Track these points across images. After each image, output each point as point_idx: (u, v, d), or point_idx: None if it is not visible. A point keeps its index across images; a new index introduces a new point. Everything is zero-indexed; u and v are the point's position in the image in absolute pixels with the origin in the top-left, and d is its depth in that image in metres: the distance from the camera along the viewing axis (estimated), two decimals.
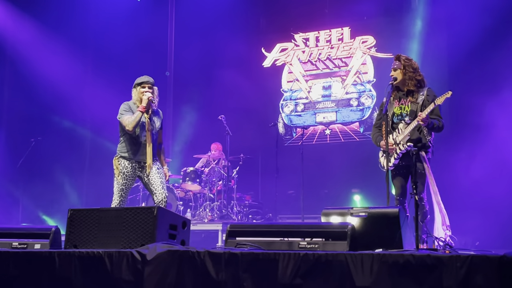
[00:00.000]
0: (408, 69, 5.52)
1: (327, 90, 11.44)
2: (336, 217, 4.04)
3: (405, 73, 5.53)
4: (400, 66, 5.55)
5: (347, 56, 11.32)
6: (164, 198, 5.65)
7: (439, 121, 5.40)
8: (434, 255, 3.00)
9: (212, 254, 3.48)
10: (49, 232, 4.50)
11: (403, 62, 5.54)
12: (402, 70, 5.54)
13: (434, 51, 9.90)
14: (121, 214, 4.16)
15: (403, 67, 5.53)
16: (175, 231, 4.28)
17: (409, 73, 5.52)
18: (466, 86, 9.46)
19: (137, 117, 5.63)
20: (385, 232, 3.77)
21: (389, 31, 10.82)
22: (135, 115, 5.63)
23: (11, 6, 11.14)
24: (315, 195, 10.24)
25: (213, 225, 8.91)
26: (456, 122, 9.46)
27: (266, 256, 3.36)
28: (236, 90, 11.62)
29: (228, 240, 4.00)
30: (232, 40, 11.66)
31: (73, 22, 11.41)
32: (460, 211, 8.64)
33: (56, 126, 11.22)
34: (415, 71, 5.55)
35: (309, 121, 11.48)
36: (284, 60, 11.90)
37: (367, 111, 10.98)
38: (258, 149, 11.43)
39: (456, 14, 9.71)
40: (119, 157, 5.72)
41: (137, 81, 5.83)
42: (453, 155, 9.14)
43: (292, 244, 3.77)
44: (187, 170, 9.80)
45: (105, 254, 3.74)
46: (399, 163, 5.50)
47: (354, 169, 10.21)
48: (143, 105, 5.66)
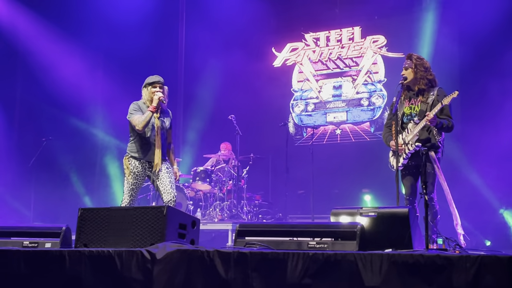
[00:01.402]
0: (420, 68, 5.49)
1: (338, 90, 11.41)
2: (346, 217, 4.03)
3: (416, 72, 5.50)
4: (412, 65, 5.52)
5: (358, 56, 11.29)
6: (173, 198, 5.65)
7: (449, 121, 5.37)
8: (443, 255, 2.99)
9: (221, 254, 3.48)
10: (60, 231, 4.52)
11: (415, 61, 5.51)
12: (413, 69, 5.51)
13: (445, 50, 9.86)
14: (131, 213, 4.18)
15: (415, 66, 5.50)
16: (185, 231, 4.29)
17: (420, 72, 5.49)
18: (477, 85, 9.42)
19: (148, 117, 5.63)
20: (395, 232, 3.76)
21: (400, 30, 10.78)
22: (145, 115, 5.64)
23: (24, 7, 11.21)
24: (325, 195, 10.22)
25: (223, 224, 8.91)
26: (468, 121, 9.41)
27: (275, 255, 3.36)
28: (247, 90, 11.62)
29: (238, 239, 4.00)
30: (243, 40, 11.68)
31: (85, 23, 11.49)
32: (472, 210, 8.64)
33: (67, 126, 11.28)
34: (426, 70, 5.52)
35: (320, 121, 11.46)
36: (294, 59, 11.89)
37: (378, 111, 10.95)
38: (268, 149, 11.42)
39: (467, 13, 9.66)
40: (129, 157, 5.73)
41: (147, 81, 5.83)
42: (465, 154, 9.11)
43: (301, 244, 3.77)
44: (197, 169, 9.81)
45: (115, 253, 3.75)
46: (409, 163, 5.48)
47: (364, 169, 10.19)
48: (153, 105, 5.66)
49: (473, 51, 9.46)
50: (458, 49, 9.96)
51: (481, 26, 9.28)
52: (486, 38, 9.25)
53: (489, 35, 9.24)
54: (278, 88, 11.82)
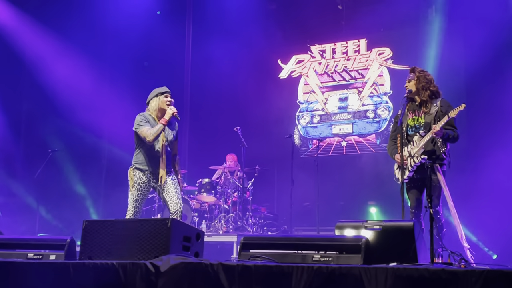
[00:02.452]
0: (422, 80, 5.55)
1: (344, 102, 11.41)
2: (350, 230, 4.02)
3: (418, 83, 5.55)
4: (414, 77, 5.59)
5: (364, 68, 11.30)
6: (179, 209, 5.65)
7: (454, 131, 5.39)
8: (449, 269, 2.97)
9: (225, 267, 3.47)
10: (64, 243, 4.52)
11: (417, 74, 5.60)
12: (415, 81, 5.57)
13: (451, 63, 9.85)
14: (135, 226, 4.18)
15: (417, 78, 5.57)
16: (189, 243, 4.28)
17: (422, 83, 5.54)
18: (483, 98, 9.40)
19: (159, 129, 5.64)
20: (400, 246, 3.74)
21: (406, 43, 10.79)
22: (157, 127, 5.64)
23: (30, 17, 11.28)
24: (331, 207, 10.19)
25: (228, 236, 8.89)
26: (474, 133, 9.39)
27: (280, 269, 3.35)
28: (252, 102, 11.64)
29: (242, 252, 3.99)
30: (249, 51, 11.70)
31: (92, 34, 11.56)
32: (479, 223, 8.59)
33: (73, 137, 11.30)
34: (429, 82, 5.57)
35: (325, 132, 11.46)
36: (300, 71, 11.91)
37: (384, 123, 10.93)
38: (274, 161, 11.42)
39: (472, 26, 9.65)
40: (134, 168, 5.73)
41: (158, 91, 5.84)
42: (471, 166, 9.07)
43: (306, 257, 3.75)
44: (203, 181, 9.81)
45: (119, 265, 3.75)
46: (414, 176, 5.47)
47: (370, 181, 10.17)
48: (165, 118, 5.66)
49: (478, 64, 9.43)
50: (464, 61, 9.96)
51: (487, 39, 9.27)
52: (491, 50, 9.23)
53: (495, 48, 9.23)
54: (283, 100, 11.83)
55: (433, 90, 5.56)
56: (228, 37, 11.75)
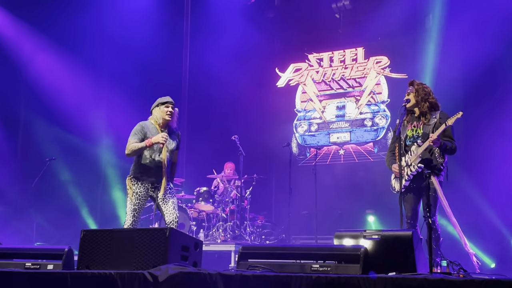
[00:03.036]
0: (421, 92, 5.60)
1: (341, 110, 11.43)
2: (349, 240, 4.02)
3: (417, 95, 5.58)
4: (413, 90, 5.63)
5: (361, 76, 11.33)
6: (175, 219, 5.64)
7: (452, 143, 5.39)
8: (447, 279, 2.97)
9: (224, 276, 3.47)
10: (62, 252, 4.51)
11: (416, 86, 5.64)
12: (414, 94, 5.60)
13: (448, 71, 9.87)
14: (133, 235, 4.17)
15: (416, 91, 5.60)
16: (187, 253, 4.27)
17: (421, 95, 5.58)
18: (480, 108, 9.42)
19: (140, 148, 5.59)
20: (399, 255, 3.74)
21: (403, 51, 10.83)
22: (139, 145, 5.59)
23: (28, 26, 11.28)
24: (328, 216, 10.18)
25: (226, 245, 8.87)
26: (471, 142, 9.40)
27: (278, 278, 3.34)
28: (250, 110, 11.65)
29: (240, 262, 3.99)
30: (247, 60, 11.73)
31: (90, 43, 11.55)
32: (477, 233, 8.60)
33: (71, 146, 11.28)
34: (427, 94, 5.60)
35: (323, 141, 11.46)
36: (298, 80, 11.93)
37: (381, 131, 10.95)
38: (272, 169, 11.42)
39: (470, 34, 9.69)
40: (132, 177, 5.72)
41: (160, 100, 5.85)
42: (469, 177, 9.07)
43: (305, 266, 3.75)
44: (200, 190, 9.80)
45: (117, 275, 3.74)
46: (410, 185, 5.48)
47: (368, 189, 10.16)
48: (151, 141, 5.62)
49: (476, 73, 9.45)
50: (462, 70, 9.97)
51: (485, 48, 9.30)
52: (489, 60, 9.26)
53: (493, 57, 9.25)
54: (281, 109, 11.85)
55: (432, 101, 5.59)
56: (226, 45, 11.77)
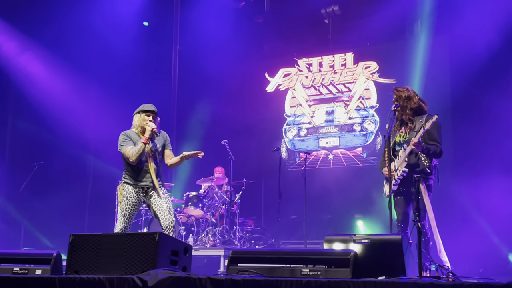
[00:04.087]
0: (400, 101, 5.60)
1: (330, 115, 11.45)
2: (339, 244, 4.02)
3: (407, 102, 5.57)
4: (394, 99, 5.64)
5: (350, 82, 11.36)
6: (171, 224, 5.61)
7: (437, 146, 5.39)
8: (437, 283, 2.98)
9: (213, 281, 3.46)
10: (51, 257, 4.48)
11: (396, 95, 5.63)
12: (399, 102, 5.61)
13: (437, 77, 9.93)
14: (123, 240, 4.15)
15: (396, 99, 5.61)
16: (177, 257, 4.26)
17: (401, 104, 5.58)
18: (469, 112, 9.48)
19: (140, 149, 5.61)
20: (388, 259, 3.75)
21: (392, 57, 10.87)
22: (138, 147, 5.62)
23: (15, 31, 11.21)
24: (318, 221, 10.19)
25: (215, 250, 8.86)
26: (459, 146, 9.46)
27: (268, 283, 3.34)
28: (239, 115, 11.64)
29: (230, 266, 3.98)
30: (236, 65, 11.73)
31: (77, 46, 11.49)
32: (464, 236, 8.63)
33: (59, 151, 11.23)
34: (407, 100, 5.58)
35: (312, 146, 11.48)
36: (287, 85, 11.95)
37: (370, 136, 10.98)
38: (261, 174, 11.42)
39: (459, 40, 9.76)
40: (124, 183, 5.72)
41: (142, 108, 5.83)
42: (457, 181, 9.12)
43: (295, 271, 3.75)
44: (190, 195, 9.78)
45: (106, 280, 3.72)
46: (400, 189, 5.49)
47: (357, 194, 10.17)
48: (146, 137, 5.65)
49: (464, 77, 9.52)
50: (450, 75, 10.03)
51: (473, 53, 9.37)
52: (477, 65, 9.32)
53: (481, 63, 9.32)
54: (270, 113, 11.85)
55: (413, 107, 5.58)
56: (215, 50, 11.78)
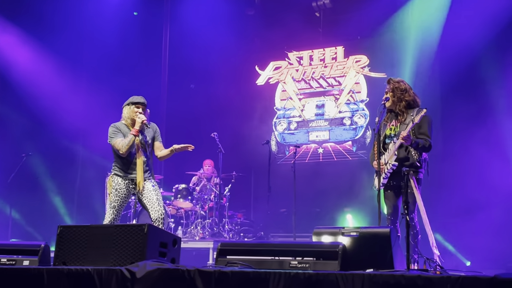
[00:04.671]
0: (397, 92, 5.56)
1: (320, 109, 11.46)
2: (328, 237, 4.03)
3: (394, 95, 5.56)
4: (390, 89, 5.59)
5: (341, 75, 11.37)
6: (161, 216, 5.57)
7: (426, 140, 5.38)
8: (424, 275, 2.99)
9: (202, 273, 3.45)
10: (38, 248, 4.47)
11: (392, 85, 5.60)
12: (391, 93, 5.58)
13: (426, 72, 9.96)
14: (111, 231, 4.14)
15: (392, 90, 5.57)
16: (166, 249, 4.25)
17: (397, 95, 5.55)
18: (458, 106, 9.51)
19: (131, 140, 5.59)
20: (376, 252, 3.76)
21: (383, 51, 10.89)
22: (128, 139, 5.59)
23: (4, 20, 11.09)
24: (307, 214, 10.20)
25: (204, 243, 8.86)
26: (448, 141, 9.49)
27: (257, 275, 3.34)
28: (229, 108, 11.63)
29: (219, 258, 3.98)
30: (226, 57, 11.70)
31: (66, 37, 11.38)
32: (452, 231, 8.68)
33: (47, 142, 11.15)
34: (403, 92, 5.57)
35: (302, 139, 11.49)
36: (277, 78, 11.94)
37: (360, 130, 11.00)
38: (251, 167, 11.42)
39: (448, 34, 9.79)
40: (113, 175, 5.70)
41: (131, 100, 5.80)
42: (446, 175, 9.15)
43: (283, 263, 3.75)
44: (179, 187, 9.77)
45: (94, 271, 3.71)
46: (390, 183, 5.49)
47: (346, 188, 10.21)
48: (136, 128, 5.63)
49: (454, 72, 9.55)
50: (439, 69, 10.06)
51: (462, 48, 9.39)
52: (466, 59, 9.35)
53: (470, 57, 9.35)
54: (261, 106, 11.85)
55: (408, 100, 5.56)
56: (206, 42, 11.73)
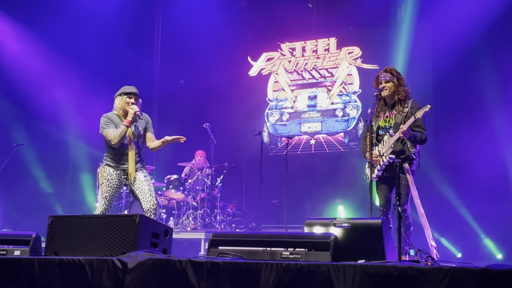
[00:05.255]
0: (401, 82, 5.54)
1: (313, 100, 11.46)
2: (319, 228, 4.03)
3: (399, 85, 5.53)
4: (393, 78, 5.54)
5: (333, 67, 11.36)
6: (153, 207, 5.55)
7: (422, 133, 5.40)
8: (416, 266, 3.00)
9: (194, 263, 3.45)
10: (29, 238, 4.45)
11: (396, 74, 5.56)
12: (395, 83, 5.53)
13: (419, 62, 9.97)
14: (103, 222, 4.12)
15: (397, 80, 5.53)
16: (157, 240, 4.25)
17: (402, 85, 5.53)
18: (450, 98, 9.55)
19: (123, 131, 5.56)
20: (368, 243, 3.76)
21: (375, 42, 10.89)
22: (120, 129, 5.56)
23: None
24: (299, 205, 10.23)
25: (196, 233, 8.86)
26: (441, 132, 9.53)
27: (248, 265, 3.34)
28: (222, 98, 11.61)
29: (211, 249, 3.97)
30: (219, 48, 11.67)
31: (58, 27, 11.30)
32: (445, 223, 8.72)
33: (38, 132, 11.10)
34: (404, 83, 5.58)
35: (294, 130, 11.49)
36: (270, 69, 11.92)
37: (352, 121, 11.01)
38: (243, 158, 11.42)
39: (441, 26, 9.81)
40: (105, 165, 5.68)
41: (123, 90, 5.75)
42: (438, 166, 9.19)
43: (275, 254, 3.75)
44: (171, 178, 9.75)
45: (86, 261, 3.70)
46: (383, 175, 5.50)
47: (338, 179, 10.23)
48: (128, 119, 5.59)
49: (446, 64, 9.58)
50: (432, 61, 10.09)
51: (455, 40, 9.42)
52: (459, 51, 9.39)
53: (462, 48, 9.38)
54: (253, 97, 11.83)
55: (407, 90, 5.58)
56: (199, 33, 11.70)
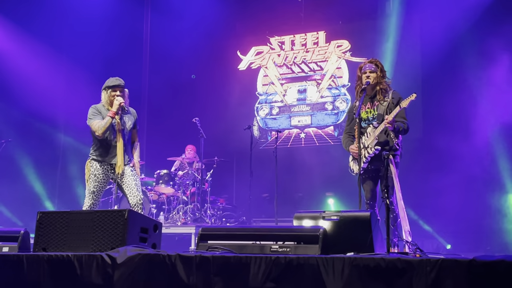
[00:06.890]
0: (384, 74, 5.57)
1: (302, 94, 11.47)
2: (308, 221, 4.04)
3: (382, 76, 5.55)
4: (377, 69, 5.56)
5: (322, 60, 11.37)
6: (139, 201, 5.55)
7: (404, 123, 5.42)
8: (404, 258, 3.01)
9: (183, 258, 3.45)
10: (18, 235, 4.43)
11: (380, 65, 5.59)
12: (378, 74, 5.55)
13: (408, 56, 10.01)
14: (91, 217, 4.11)
15: (380, 71, 5.56)
16: (146, 235, 4.24)
17: (384, 77, 5.56)
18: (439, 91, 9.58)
19: (107, 122, 5.54)
20: (357, 236, 3.78)
21: (364, 36, 10.90)
22: (105, 120, 5.54)
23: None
24: (289, 199, 10.24)
25: (186, 228, 8.85)
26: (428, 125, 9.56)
27: (238, 259, 3.34)
28: (211, 93, 11.59)
29: (200, 243, 3.97)
30: (208, 42, 11.64)
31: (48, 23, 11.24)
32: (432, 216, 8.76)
33: (28, 128, 11.04)
34: (386, 76, 5.61)
35: (284, 124, 11.50)
36: (259, 63, 11.91)
37: (342, 115, 11.03)
38: (233, 152, 11.41)
39: (429, 19, 9.84)
40: (91, 160, 5.65)
41: (107, 83, 5.73)
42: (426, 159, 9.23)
43: (264, 247, 3.76)
44: (161, 172, 9.74)
45: (75, 257, 3.69)
46: (368, 167, 5.50)
47: (328, 172, 10.23)
48: (113, 110, 5.57)
49: (435, 57, 9.61)
50: (421, 54, 10.12)
51: (443, 32, 9.45)
52: (447, 44, 9.42)
53: (451, 41, 9.42)
54: (243, 91, 11.82)
55: (389, 83, 5.62)
56: (187, 27, 11.67)
